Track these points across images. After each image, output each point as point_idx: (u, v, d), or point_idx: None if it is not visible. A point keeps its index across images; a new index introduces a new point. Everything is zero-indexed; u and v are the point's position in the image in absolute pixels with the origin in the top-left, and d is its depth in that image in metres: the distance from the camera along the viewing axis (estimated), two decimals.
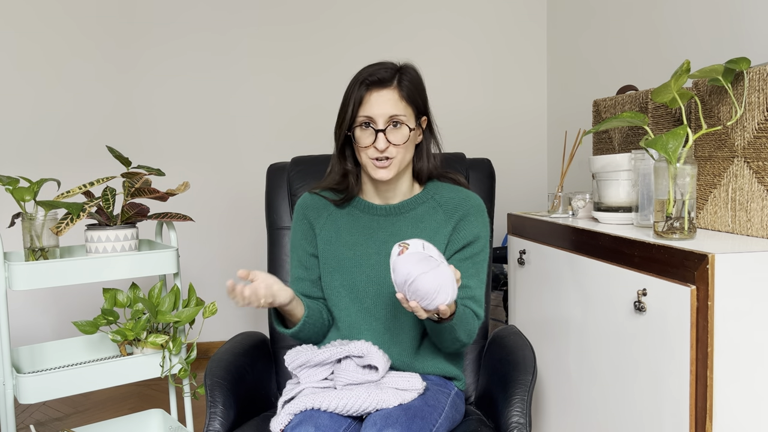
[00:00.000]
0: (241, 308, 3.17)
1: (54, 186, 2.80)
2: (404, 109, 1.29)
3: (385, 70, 1.30)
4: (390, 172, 1.31)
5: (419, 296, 1.08)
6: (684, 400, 1.19)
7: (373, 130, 1.29)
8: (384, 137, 1.28)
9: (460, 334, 1.25)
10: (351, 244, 1.39)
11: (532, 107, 3.35)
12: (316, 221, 1.42)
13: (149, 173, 1.84)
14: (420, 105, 1.34)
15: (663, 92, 1.39)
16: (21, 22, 2.84)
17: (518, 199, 3.32)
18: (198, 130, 3.08)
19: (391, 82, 1.29)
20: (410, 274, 1.06)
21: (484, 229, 1.39)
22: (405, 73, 1.31)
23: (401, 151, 1.30)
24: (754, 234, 1.33)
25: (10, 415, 1.61)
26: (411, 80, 1.31)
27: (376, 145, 1.28)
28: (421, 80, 1.35)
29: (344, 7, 3.15)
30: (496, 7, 3.26)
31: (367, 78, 1.29)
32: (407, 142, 1.30)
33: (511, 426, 1.26)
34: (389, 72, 1.30)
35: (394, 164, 1.30)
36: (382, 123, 1.28)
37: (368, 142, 1.30)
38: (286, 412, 1.20)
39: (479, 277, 1.36)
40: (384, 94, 1.28)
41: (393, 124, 1.29)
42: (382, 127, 1.28)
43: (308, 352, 1.31)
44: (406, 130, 1.30)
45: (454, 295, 1.10)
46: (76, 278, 1.64)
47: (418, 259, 1.07)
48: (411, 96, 1.31)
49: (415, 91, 1.32)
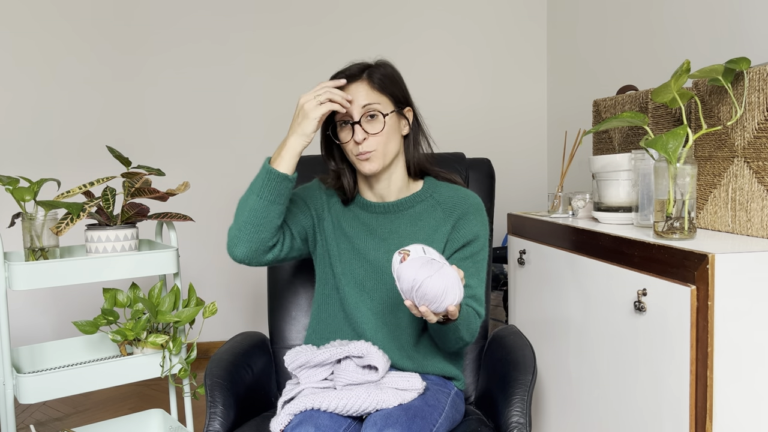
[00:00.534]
0: (240, 308, 3.17)
1: (54, 186, 2.80)
2: (377, 98, 1.31)
3: (355, 66, 1.34)
4: (374, 164, 1.32)
5: (428, 300, 1.08)
6: (684, 400, 1.19)
7: (350, 125, 1.31)
8: (360, 128, 1.30)
9: (463, 333, 1.26)
10: (350, 237, 1.40)
11: (532, 107, 3.35)
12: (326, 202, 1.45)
13: (149, 173, 1.84)
14: (398, 94, 1.35)
15: (663, 92, 1.39)
16: (19, 24, 2.84)
17: (518, 199, 3.32)
18: (198, 130, 3.08)
19: (360, 75, 1.32)
20: (416, 279, 1.07)
21: (483, 228, 1.39)
22: (376, 67, 1.35)
23: (381, 141, 1.31)
24: (754, 234, 1.33)
25: (10, 415, 1.61)
26: (383, 73, 1.34)
27: (354, 137, 1.30)
28: (396, 73, 1.38)
29: (345, 10, 3.15)
30: (496, 7, 3.26)
31: (337, 76, 1.33)
32: (384, 129, 1.31)
33: (511, 426, 1.26)
34: (357, 68, 1.34)
35: (377, 156, 1.32)
36: (357, 114, 1.30)
37: (348, 137, 1.32)
38: (286, 412, 1.20)
39: (479, 276, 1.37)
40: (355, 86, 1.31)
41: (369, 115, 1.30)
42: (357, 119, 1.30)
43: (308, 353, 1.31)
44: (381, 118, 1.31)
45: (461, 295, 1.10)
46: (76, 278, 1.64)
47: (421, 263, 1.08)
48: (383, 85, 1.33)
49: (387, 81, 1.34)
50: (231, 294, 3.15)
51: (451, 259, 1.36)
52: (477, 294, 1.34)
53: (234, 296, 3.16)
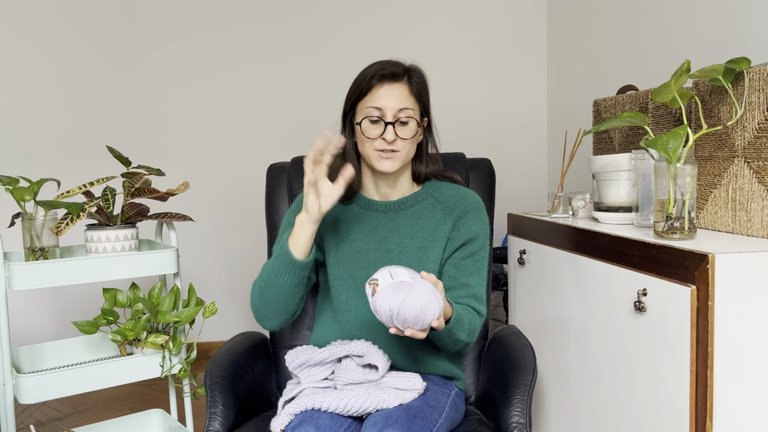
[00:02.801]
0: (240, 308, 3.17)
1: (54, 186, 2.80)
2: (413, 104, 1.32)
3: (396, 66, 1.33)
4: (395, 164, 1.32)
5: (410, 323, 1.09)
6: (684, 400, 1.19)
7: (382, 122, 1.30)
8: (393, 130, 1.30)
9: (460, 335, 1.26)
10: (351, 239, 1.39)
11: (532, 107, 3.35)
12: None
13: (149, 173, 1.84)
14: (425, 102, 1.37)
15: (663, 92, 1.39)
16: (20, 24, 2.84)
17: (518, 199, 3.32)
18: (198, 130, 3.08)
19: (403, 77, 1.32)
20: (391, 308, 1.08)
21: (483, 227, 1.39)
22: (414, 71, 1.35)
23: (407, 146, 1.32)
24: (754, 234, 1.33)
25: (10, 415, 1.61)
26: (419, 78, 1.35)
27: (385, 136, 1.29)
28: (427, 82, 1.38)
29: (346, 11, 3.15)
30: (496, 7, 3.26)
31: (379, 71, 1.31)
32: (414, 137, 1.33)
33: (511, 426, 1.26)
34: (400, 68, 1.33)
35: (399, 157, 1.32)
36: (391, 116, 1.30)
37: (376, 134, 1.31)
38: (287, 412, 1.20)
39: (480, 274, 1.37)
40: (396, 87, 1.31)
41: (401, 119, 1.30)
42: (391, 120, 1.30)
43: (308, 352, 1.31)
44: (413, 125, 1.32)
45: (441, 305, 1.11)
46: (76, 278, 1.64)
47: (392, 290, 1.08)
48: (419, 93, 1.34)
49: (422, 89, 1.35)
50: (231, 294, 3.15)
51: (451, 258, 1.36)
52: (477, 293, 1.35)
53: (234, 296, 3.16)
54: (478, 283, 1.36)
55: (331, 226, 1.42)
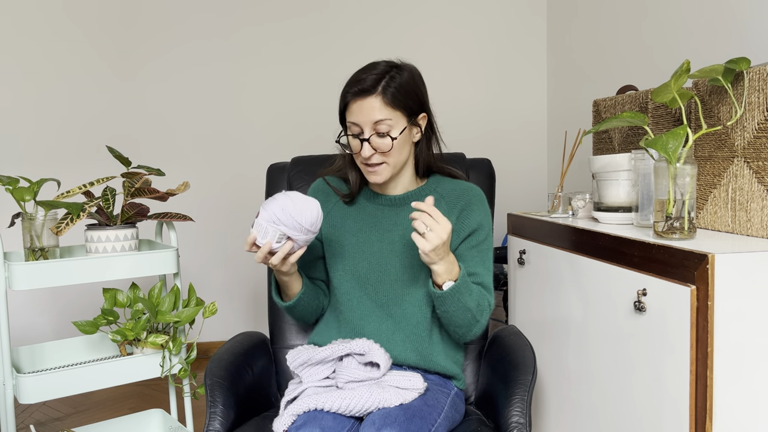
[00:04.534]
0: (240, 308, 3.17)
1: (54, 186, 2.80)
2: (390, 114, 1.28)
3: (370, 76, 1.28)
4: (382, 176, 1.33)
5: (296, 212, 1.21)
6: (684, 400, 1.19)
7: (359, 139, 1.30)
8: (368, 145, 1.29)
9: (468, 302, 1.26)
10: (354, 231, 1.41)
11: (532, 107, 3.35)
12: (324, 206, 1.45)
13: (149, 173, 1.84)
14: (412, 105, 1.32)
15: (663, 92, 1.39)
16: (22, 24, 2.84)
17: (518, 199, 3.32)
18: (198, 130, 3.08)
19: (373, 90, 1.27)
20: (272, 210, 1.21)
21: (486, 218, 1.41)
22: (393, 77, 1.29)
23: (394, 154, 1.32)
24: (754, 234, 1.33)
25: (10, 415, 1.61)
26: (399, 84, 1.29)
27: (362, 153, 1.30)
28: (415, 80, 1.34)
29: (347, 12, 3.15)
30: (495, 7, 3.26)
31: (351, 88, 1.29)
32: (393, 148, 1.30)
33: (511, 426, 1.26)
34: (372, 79, 1.28)
35: (386, 168, 1.33)
36: (368, 131, 1.29)
37: (357, 149, 1.32)
38: (289, 413, 1.20)
39: (485, 265, 1.38)
40: (367, 102, 1.28)
41: (378, 131, 1.28)
42: (366, 136, 1.29)
43: (309, 351, 1.31)
44: (396, 133, 1.30)
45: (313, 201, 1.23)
46: (76, 278, 1.64)
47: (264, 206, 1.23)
48: (397, 100, 1.28)
49: (402, 94, 1.29)
50: (231, 294, 3.15)
51: (457, 250, 1.37)
52: (484, 282, 1.36)
53: (234, 296, 3.16)
54: (484, 272, 1.37)
55: (335, 217, 1.44)
